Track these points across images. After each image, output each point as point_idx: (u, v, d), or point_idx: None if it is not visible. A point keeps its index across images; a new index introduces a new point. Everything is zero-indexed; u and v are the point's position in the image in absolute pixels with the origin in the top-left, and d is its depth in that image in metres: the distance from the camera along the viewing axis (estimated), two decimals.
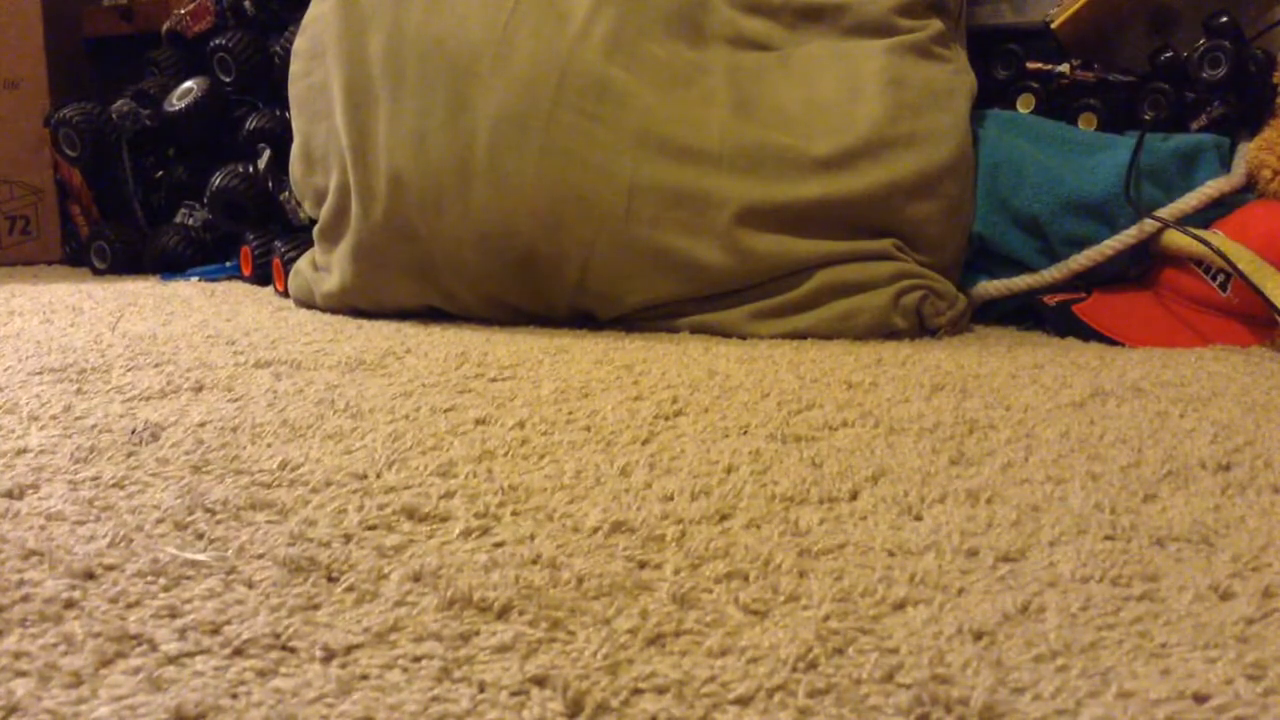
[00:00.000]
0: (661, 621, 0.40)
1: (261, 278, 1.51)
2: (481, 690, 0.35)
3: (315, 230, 1.25)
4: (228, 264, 1.64)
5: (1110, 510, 0.53)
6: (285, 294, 1.35)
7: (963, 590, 0.44)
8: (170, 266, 1.68)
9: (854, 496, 0.56)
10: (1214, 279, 1.08)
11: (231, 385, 0.81)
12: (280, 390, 0.79)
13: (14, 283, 1.58)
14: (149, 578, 0.43)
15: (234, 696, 0.34)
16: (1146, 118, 1.21)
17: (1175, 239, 1.09)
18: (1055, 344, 1.06)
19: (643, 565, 0.46)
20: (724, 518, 0.52)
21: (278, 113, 1.56)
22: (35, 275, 1.74)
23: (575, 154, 1.09)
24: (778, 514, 0.53)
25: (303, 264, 1.29)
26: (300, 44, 1.28)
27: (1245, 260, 1.03)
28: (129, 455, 0.61)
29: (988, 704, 0.34)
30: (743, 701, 0.35)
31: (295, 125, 1.29)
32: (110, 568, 0.44)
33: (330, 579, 0.44)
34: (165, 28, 1.79)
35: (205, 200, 1.62)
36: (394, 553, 0.47)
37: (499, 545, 0.48)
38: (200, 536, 0.48)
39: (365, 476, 0.58)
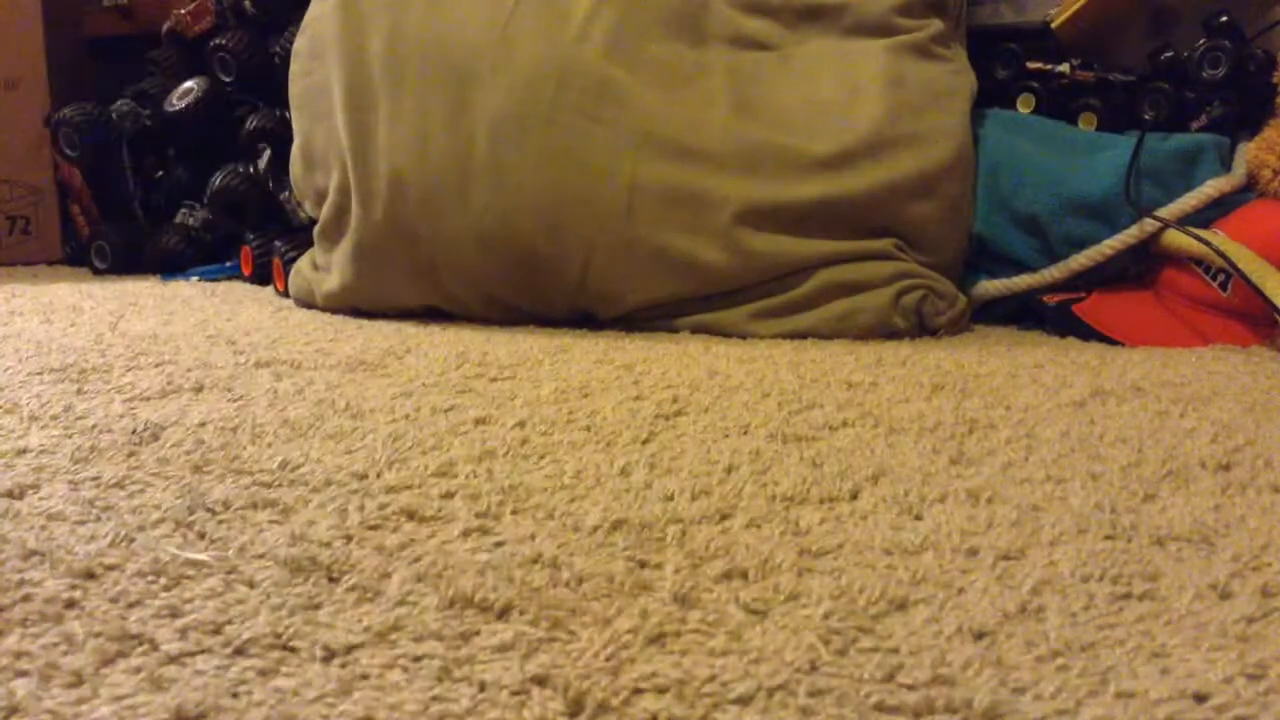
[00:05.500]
0: (662, 621, 0.40)
1: (261, 278, 1.51)
2: (482, 690, 0.35)
3: (315, 230, 1.25)
4: (228, 264, 1.64)
5: (1110, 510, 0.53)
6: (285, 294, 1.35)
7: (963, 590, 0.44)
8: (170, 266, 1.68)
9: (854, 496, 0.56)
10: (1214, 279, 1.08)
11: (232, 385, 0.81)
12: (280, 390, 0.79)
13: (14, 283, 1.58)
14: (150, 577, 0.43)
15: (235, 696, 0.34)
16: (1146, 118, 1.21)
17: (1175, 238, 1.09)
18: (1055, 344, 1.06)
19: (643, 565, 0.46)
20: (724, 517, 0.52)
21: (278, 113, 1.56)
22: (35, 275, 1.74)
23: (575, 154, 1.09)
24: (778, 514, 0.53)
25: (303, 264, 1.29)
26: (300, 44, 1.28)
27: (1246, 260, 1.03)
28: (129, 455, 0.61)
29: (989, 704, 0.34)
30: (743, 701, 0.35)
31: (295, 125, 1.29)
32: (111, 567, 0.44)
33: (331, 579, 0.44)
34: (165, 28, 1.79)
35: (205, 200, 1.62)
36: (394, 552, 0.47)
37: (499, 545, 0.48)
38: (201, 536, 0.48)
39: (365, 476, 0.58)
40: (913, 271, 1.10)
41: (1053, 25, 1.25)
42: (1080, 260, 1.13)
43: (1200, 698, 0.35)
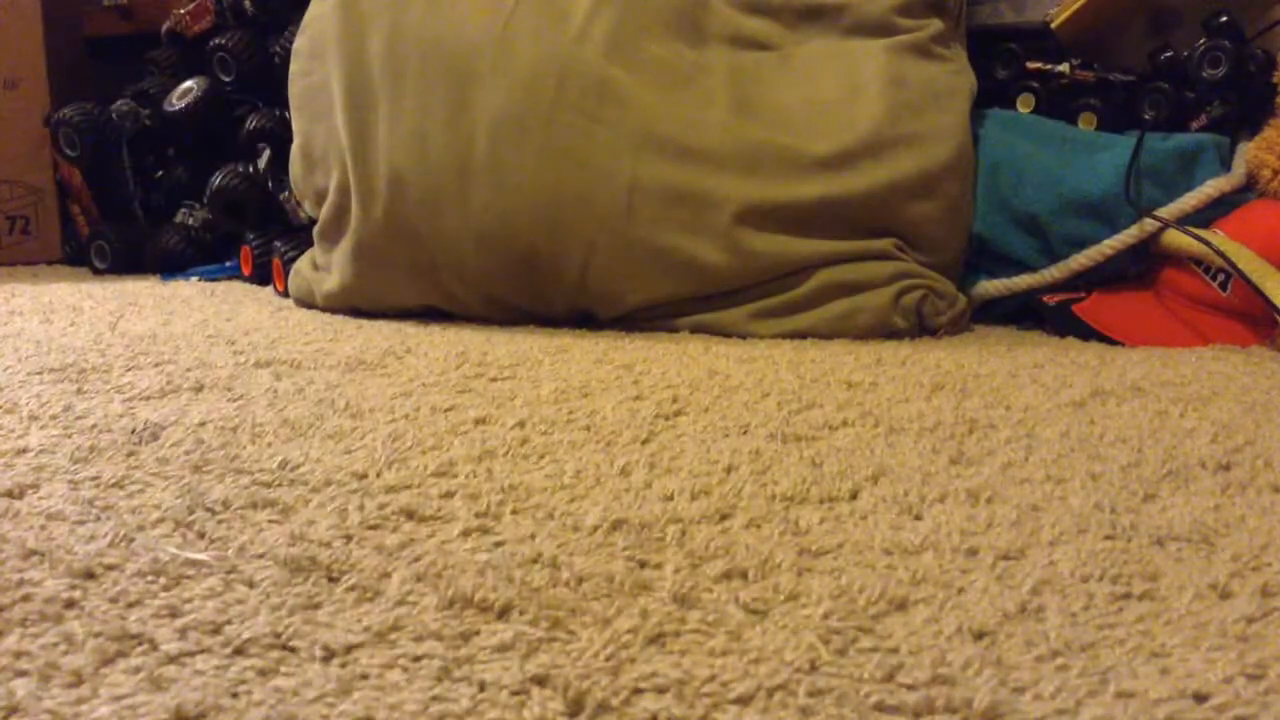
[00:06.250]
0: (662, 621, 0.40)
1: (261, 278, 1.51)
2: (482, 690, 0.35)
3: (315, 230, 1.25)
4: (228, 264, 1.64)
5: (1110, 510, 0.53)
6: (285, 294, 1.35)
7: (963, 590, 0.44)
8: (170, 266, 1.68)
9: (854, 496, 0.56)
10: (1214, 278, 1.08)
11: (231, 385, 0.81)
12: (280, 390, 0.79)
13: (14, 283, 1.58)
14: (149, 577, 0.43)
15: (234, 696, 0.34)
16: (1146, 117, 1.21)
17: (1175, 238, 1.09)
18: (1055, 344, 1.06)
19: (643, 564, 0.46)
20: (724, 517, 0.52)
21: (278, 113, 1.56)
22: (35, 275, 1.74)
23: (575, 154, 1.09)
24: (778, 513, 0.53)
25: (303, 264, 1.29)
26: (300, 44, 1.28)
27: (1245, 259, 1.03)
28: (129, 455, 0.61)
29: (989, 704, 0.34)
30: (743, 701, 0.35)
31: (295, 125, 1.29)
32: (110, 567, 0.44)
33: (331, 579, 0.44)
34: (165, 28, 1.79)
35: (205, 200, 1.62)
36: (394, 552, 0.47)
37: (499, 545, 0.48)
38: (201, 536, 0.48)
39: (365, 476, 0.58)
40: (913, 271, 1.10)
41: (1053, 25, 1.25)
42: (1080, 260, 1.13)
43: (1200, 698, 0.35)
